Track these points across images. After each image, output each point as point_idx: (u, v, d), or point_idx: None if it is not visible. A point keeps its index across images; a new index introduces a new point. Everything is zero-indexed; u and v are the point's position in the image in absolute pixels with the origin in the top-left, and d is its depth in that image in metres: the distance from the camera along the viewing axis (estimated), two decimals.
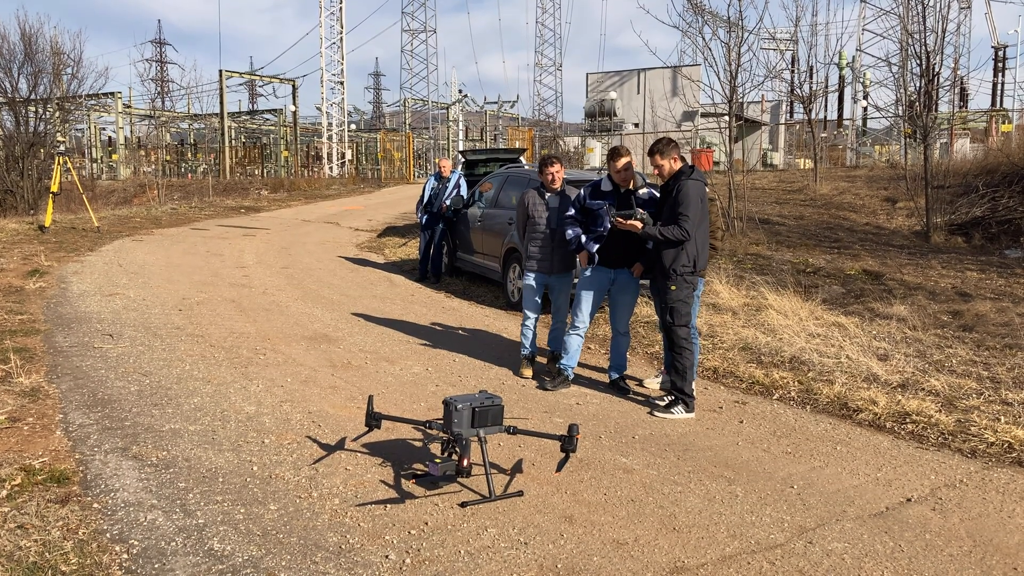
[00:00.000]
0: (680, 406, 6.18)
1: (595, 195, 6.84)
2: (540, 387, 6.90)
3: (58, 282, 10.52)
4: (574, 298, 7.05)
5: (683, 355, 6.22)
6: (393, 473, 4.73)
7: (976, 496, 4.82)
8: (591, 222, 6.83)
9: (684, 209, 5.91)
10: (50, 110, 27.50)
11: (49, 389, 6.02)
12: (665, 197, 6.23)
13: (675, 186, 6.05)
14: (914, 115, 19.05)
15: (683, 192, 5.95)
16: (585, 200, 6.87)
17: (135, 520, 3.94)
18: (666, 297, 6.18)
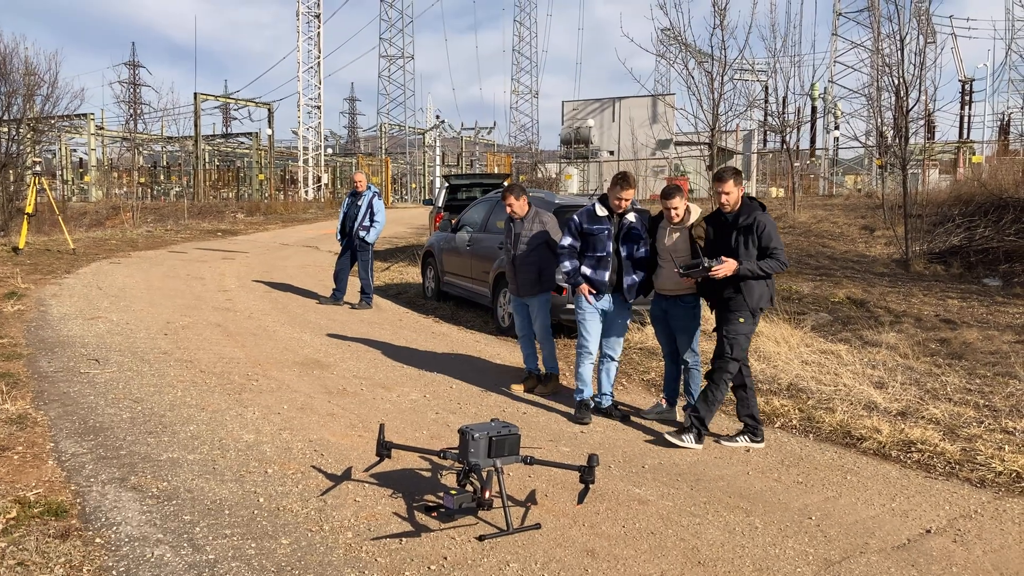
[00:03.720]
0: (692, 434, 6.05)
1: (592, 220, 6.78)
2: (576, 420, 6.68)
3: (37, 305, 10.23)
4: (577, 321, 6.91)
5: (721, 388, 6.07)
6: (405, 505, 4.57)
7: (994, 527, 4.77)
8: (589, 247, 6.76)
9: (775, 243, 5.88)
10: (22, 131, 27.09)
11: (37, 416, 5.79)
12: (724, 228, 6.06)
13: (746, 220, 5.91)
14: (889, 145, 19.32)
15: (767, 226, 5.89)
16: (582, 226, 6.79)
17: (142, 556, 3.75)
18: (730, 328, 6.00)
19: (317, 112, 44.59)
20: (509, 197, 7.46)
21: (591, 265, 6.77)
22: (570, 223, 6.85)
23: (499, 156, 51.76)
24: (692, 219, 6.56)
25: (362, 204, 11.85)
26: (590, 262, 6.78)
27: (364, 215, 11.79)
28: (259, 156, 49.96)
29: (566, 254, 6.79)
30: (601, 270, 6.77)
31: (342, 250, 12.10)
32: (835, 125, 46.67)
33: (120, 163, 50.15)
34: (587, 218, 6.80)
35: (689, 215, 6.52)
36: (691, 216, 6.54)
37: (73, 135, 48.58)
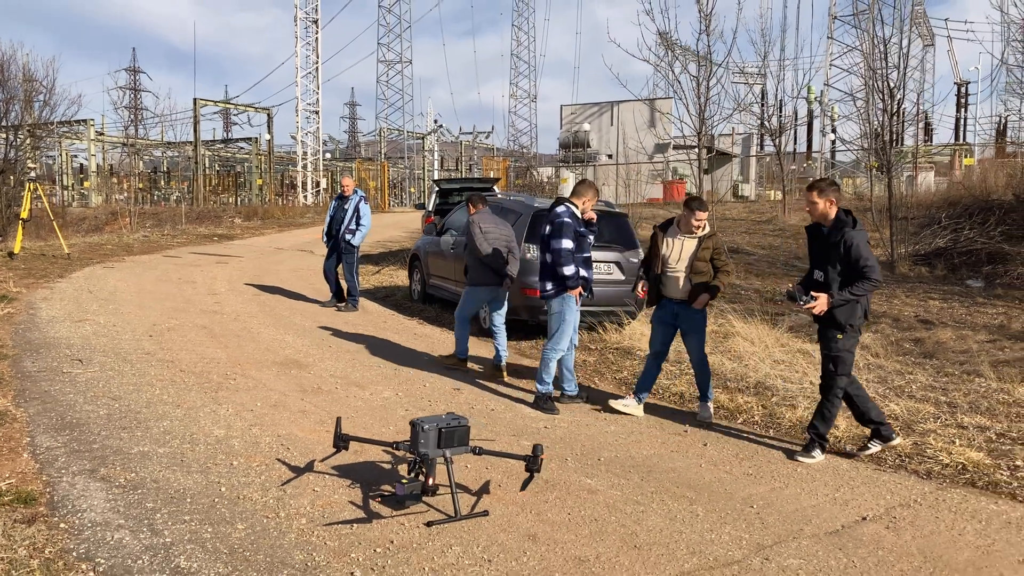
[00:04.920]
0: (817, 449, 6.07)
1: (580, 223, 7.23)
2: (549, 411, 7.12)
3: (27, 308, 10.46)
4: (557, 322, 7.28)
5: (834, 403, 6.07)
6: (361, 494, 4.79)
7: (929, 515, 4.97)
8: (578, 249, 7.16)
9: (867, 260, 5.77)
10: (20, 137, 27.36)
11: (16, 413, 6.01)
12: (821, 241, 6.04)
13: (839, 237, 5.82)
14: (878, 149, 19.52)
15: (857, 243, 5.76)
16: (576, 227, 7.16)
17: (102, 539, 3.97)
18: (832, 346, 5.96)
19: (316, 117, 44.87)
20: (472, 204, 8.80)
21: (581, 265, 7.18)
22: (572, 227, 7.09)
23: (495, 160, 52.00)
24: (707, 230, 7.03)
25: (348, 208, 12.11)
26: (579, 263, 7.16)
27: (351, 218, 12.05)
28: (259, 161, 50.27)
29: (571, 256, 7.07)
30: (588, 269, 7.29)
31: (328, 252, 12.34)
32: (832, 128, 46.86)
33: (120, 169, 50.49)
34: (576, 220, 7.17)
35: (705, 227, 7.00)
36: (707, 228, 7.03)
37: (73, 141, 48.90)
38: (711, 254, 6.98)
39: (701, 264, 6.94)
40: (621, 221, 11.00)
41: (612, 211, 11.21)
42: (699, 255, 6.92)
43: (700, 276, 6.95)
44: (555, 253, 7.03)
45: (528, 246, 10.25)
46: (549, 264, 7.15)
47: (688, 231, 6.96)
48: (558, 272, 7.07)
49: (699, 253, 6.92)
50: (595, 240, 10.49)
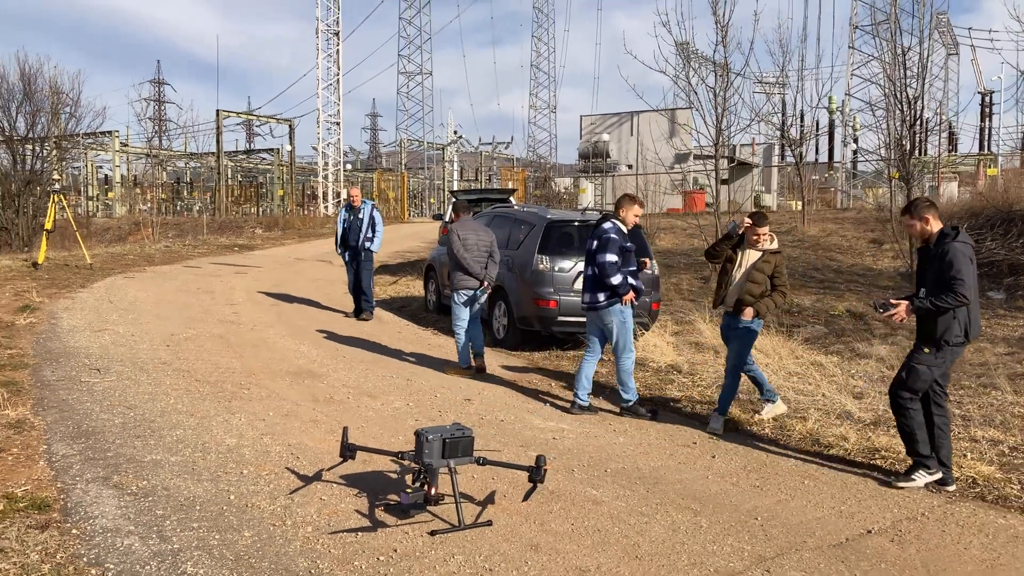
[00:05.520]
0: (921, 470, 5.78)
1: (626, 238, 7.53)
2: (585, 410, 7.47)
3: (48, 318, 10.65)
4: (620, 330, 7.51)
5: (908, 415, 5.78)
6: (367, 503, 4.85)
7: (935, 528, 4.95)
8: (625, 262, 7.44)
9: (957, 272, 5.43)
10: (47, 148, 27.85)
11: (34, 421, 6.14)
12: (924, 261, 5.84)
13: (939, 250, 5.59)
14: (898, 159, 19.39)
15: (952, 254, 5.48)
16: (622, 243, 7.45)
17: (112, 545, 4.06)
18: (916, 356, 5.73)
19: (337, 128, 45.26)
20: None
21: (627, 277, 7.45)
22: (618, 242, 7.41)
23: (514, 171, 52.19)
24: (773, 245, 7.17)
25: (363, 217, 12.34)
26: (625, 275, 7.42)
27: (367, 227, 12.27)
28: (280, 172, 50.75)
29: (616, 268, 7.34)
30: (636, 280, 7.59)
31: (348, 263, 12.51)
32: (854, 138, 46.57)
33: (144, 179, 51.14)
34: (621, 236, 7.48)
35: (771, 241, 7.16)
36: (772, 243, 7.17)
37: (99, 152, 49.63)
38: (771, 270, 7.11)
39: (758, 276, 7.07)
40: (635, 232, 11.02)
41: None
42: (757, 267, 7.07)
43: (755, 287, 7.06)
44: (601, 266, 7.35)
45: (541, 257, 10.31)
46: (597, 277, 7.44)
47: (752, 244, 7.13)
48: (606, 283, 7.36)
49: (757, 265, 7.07)
50: None
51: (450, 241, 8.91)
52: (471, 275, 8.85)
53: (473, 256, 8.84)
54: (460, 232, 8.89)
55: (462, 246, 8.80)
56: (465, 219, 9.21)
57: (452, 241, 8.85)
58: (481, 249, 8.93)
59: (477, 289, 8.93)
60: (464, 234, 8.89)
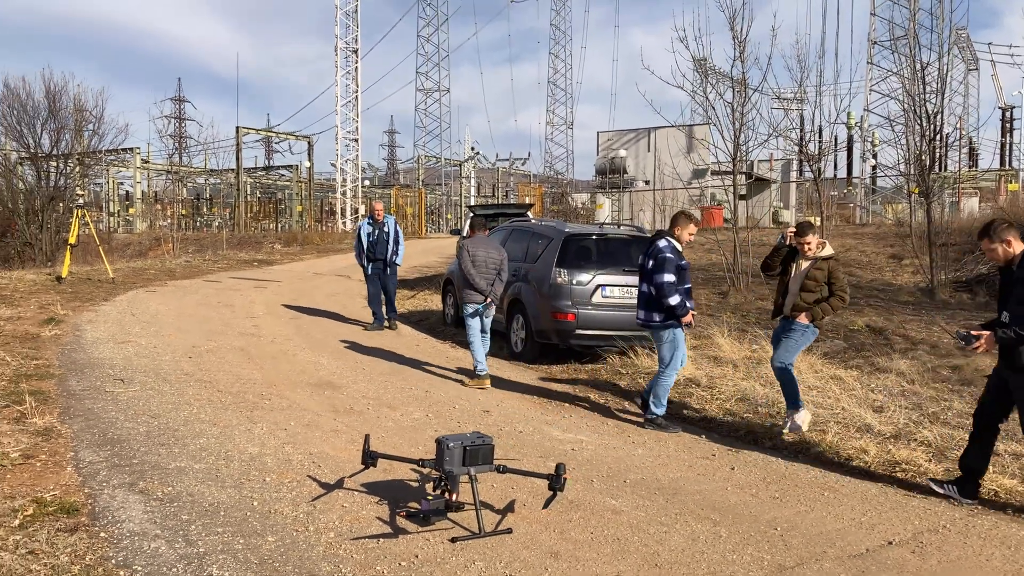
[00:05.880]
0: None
1: (680, 256, 7.62)
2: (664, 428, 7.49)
3: (73, 330, 10.80)
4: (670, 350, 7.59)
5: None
6: (388, 510, 4.90)
7: (957, 540, 4.94)
8: (680, 281, 7.52)
9: None
10: (71, 165, 28.26)
11: (62, 429, 6.24)
12: (1006, 284, 5.56)
13: (1019, 272, 5.29)
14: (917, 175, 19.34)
15: None
16: (677, 261, 7.54)
17: (139, 548, 4.13)
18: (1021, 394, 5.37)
19: (355, 145, 45.59)
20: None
21: (683, 295, 7.54)
22: (674, 262, 7.50)
23: (531, 187, 52.40)
24: (824, 252, 7.25)
25: (389, 231, 12.74)
26: (682, 294, 7.52)
27: (393, 241, 12.71)
28: (299, 188, 51.18)
29: (674, 288, 7.43)
30: (689, 300, 7.68)
31: (372, 277, 12.79)
32: (873, 154, 46.40)
33: (164, 195, 51.74)
34: (676, 254, 7.56)
35: (822, 248, 7.25)
36: (823, 250, 7.26)
37: (120, 168, 50.27)
38: (826, 276, 7.20)
39: (811, 283, 7.17)
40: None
41: (643, 236, 11.29)
42: (809, 274, 7.18)
43: (810, 295, 7.17)
44: (658, 287, 7.43)
45: (559, 271, 10.37)
46: (653, 296, 7.51)
47: (803, 253, 7.25)
48: (663, 304, 7.43)
49: (810, 272, 7.18)
50: (626, 265, 10.64)
51: (460, 256, 9.33)
52: (478, 290, 9.07)
53: (480, 272, 9.06)
54: (470, 248, 9.15)
55: (471, 262, 9.05)
56: (479, 236, 9.45)
57: (462, 257, 9.20)
58: (490, 266, 9.14)
59: (480, 304, 9.11)
60: (474, 250, 9.13)
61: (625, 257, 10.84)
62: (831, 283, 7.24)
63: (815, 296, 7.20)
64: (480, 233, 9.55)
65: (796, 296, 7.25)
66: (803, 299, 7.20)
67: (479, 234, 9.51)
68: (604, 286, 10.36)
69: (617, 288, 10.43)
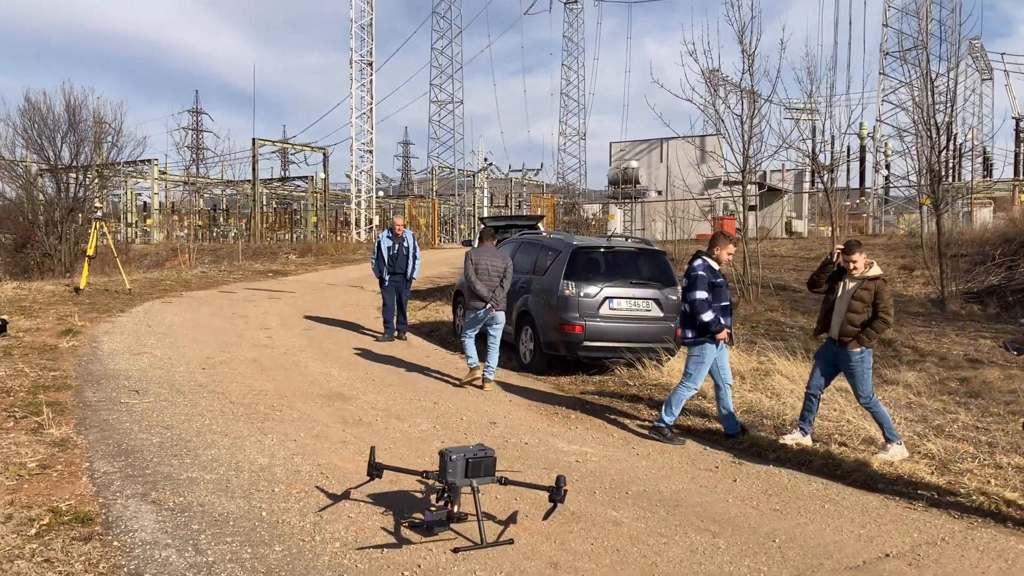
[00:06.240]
0: None
1: (715, 274, 7.73)
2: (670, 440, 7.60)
3: (90, 341, 11.00)
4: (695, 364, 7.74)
5: None
6: (393, 521, 5.02)
7: (955, 553, 5.00)
8: (716, 298, 7.64)
9: None
10: (90, 177, 28.65)
11: (77, 440, 6.40)
12: None
13: None
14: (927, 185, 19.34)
15: None
16: (711, 280, 7.66)
17: (151, 557, 4.26)
18: None
19: (369, 156, 45.91)
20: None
21: (720, 313, 7.65)
22: (707, 279, 7.64)
23: (543, 198, 52.58)
24: (871, 272, 7.12)
25: (408, 246, 13.20)
26: (718, 311, 7.63)
27: (412, 256, 13.22)
28: (314, 199, 51.53)
29: (707, 304, 7.57)
30: (728, 317, 7.75)
31: (389, 288, 13.12)
32: (886, 164, 46.26)
33: (181, 206, 52.22)
34: (711, 272, 7.69)
35: (869, 268, 7.12)
36: (870, 270, 7.13)
37: (138, 180, 50.83)
38: (871, 297, 7.06)
39: (857, 304, 7.06)
40: (660, 259, 11.17)
41: (650, 249, 11.39)
42: (856, 294, 7.07)
43: (856, 316, 7.07)
44: (691, 304, 7.60)
45: (567, 283, 10.47)
46: (689, 314, 7.66)
47: (849, 273, 7.17)
48: (697, 320, 7.57)
49: (856, 293, 7.07)
50: (633, 277, 10.74)
51: (464, 265, 9.82)
52: (479, 297, 9.50)
53: (482, 279, 9.52)
54: (474, 257, 9.66)
55: (473, 270, 9.57)
56: (486, 246, 9.91)
57: (465, 265, 9.73)
58: (492, 274, 9.58)
59: (483, 309, 9.53)
60: (477, 259, 9.62)
61: (633, 270, 10.93)
62: (876, 304, 7.06)
63: (862, 317, 7.06)
64: (488, 243, 9.99)
65: (843, 317, 7.13)
66: (850, 320, 7.07)
67: (487, 244, 9.96)
68: (612, 298, 10.45)
69: (625, 300, 10.52)
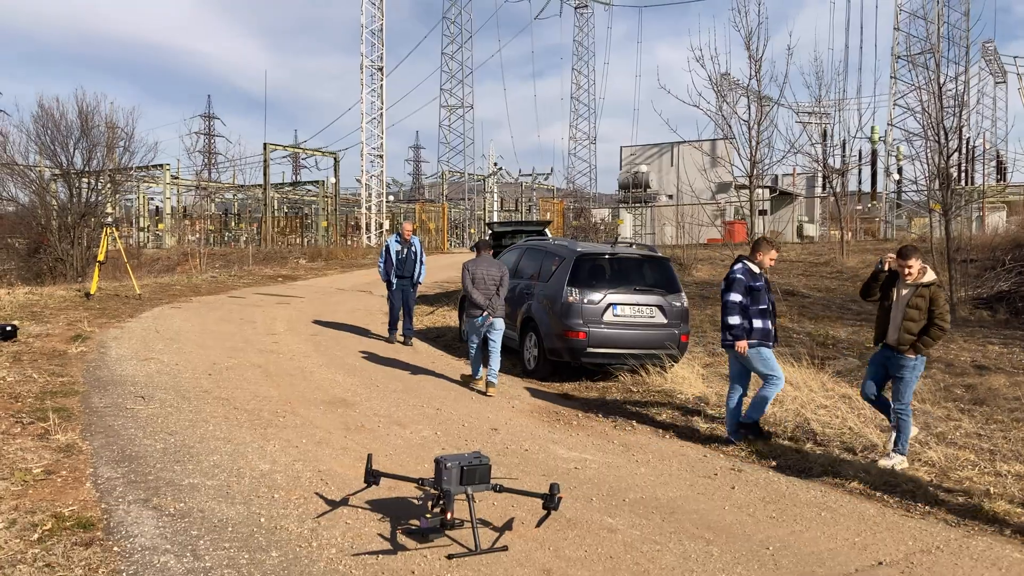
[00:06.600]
0: None
1: (753, 277, 7.76)
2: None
3: (98, 347, 11.11)
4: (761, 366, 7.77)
5: None
6: (390, 527, 5.08)
7: (948, 561, 5.02)
8: (754, 301, 7.68)
9: None
10: (102, 182, 28.89)
11: (83, 446, 6.49)
12: None
13: None
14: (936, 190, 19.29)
15: None
16: (748, 284, 7.69)
17: (149, 562, 4.34)
18: None
19: (380, 161, 46.10)
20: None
21: (759, 316, 7.68)
22: (744, 283, 7.67)
23: (552, 202, 52.65)
24: (925, 278, 7.02)
25: (416, 251, 13.42)
26: (756, 314, 7.66)
27: (419, 261, 13.42)
28: (325, 203, 51.78)
29: (737, 309, 7.61)
30: (765, 319, 7.74)
31: (396, 292, 13.37)
32: (898, 169, 46.07)
33: (193, 211, 52.52)
34: (749, 276, 7.70)
35: (923, 274, 7.02)
36: (924, 276, 7.03)
37: (151, 185, 51.17)
38: (927, 304, 6.98)
39: (912, 311, 6.99)
40: (664, 265, 11.20)
41: (655, 255, 11.43)
42: (910, 302, 7.00)
43: (913, 324, 6.99)
44: (724, 305, 7.65)
45: (571, 289, 10.52)
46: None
47: (903, 279, 7.08)
48: (723, 321, 7.63)
49: (911, 300, 6.99)
50: (637, 284, 10.78)
51: (462, 276, 10.15)
52: (477, 306, 9.78)
53: (479, 289, 9.83)
54: (470, 268, 9.97)
55: (470, 281, 9.92)
56: (483, 256, 10.18)
57: (463, 276, 10.09)
58: (488, 283, 9.88)
59: (481, 317, 9.80)
60: (474, 270, 9.93)
61: (637, 276, 10.97)
62: (931, 310, 6.96)
63: (919, 325, 6.98)
64: (485, 253, 10.24)
65: (900, 325, 7.03)
66: (907, 328, 6.99)
67: (484, 254, 10.22)
68: (615, 304, 10.50)
69: (628, 307, 10.56)
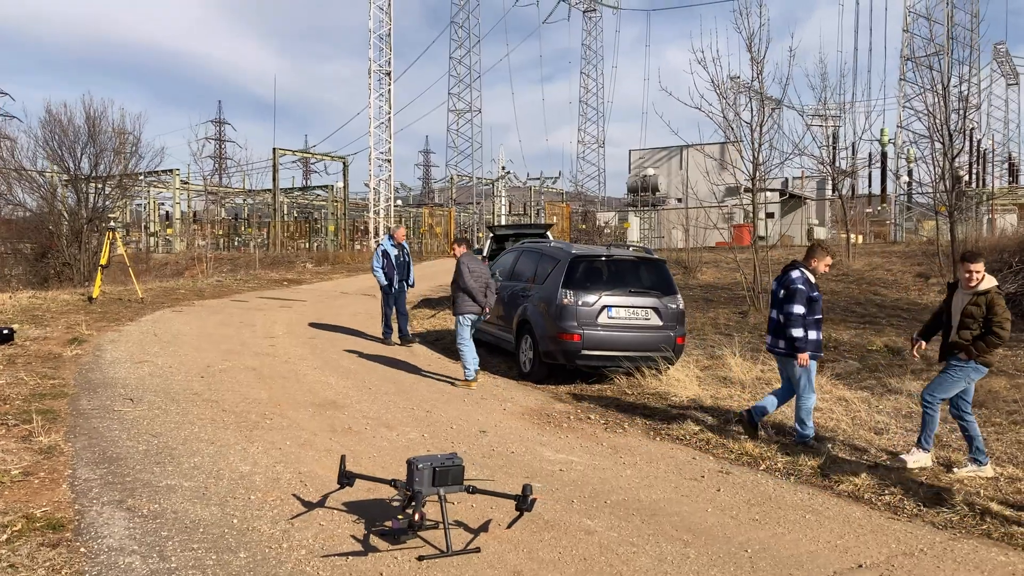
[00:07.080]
0: None
1: (812, 287, 7.67)
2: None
3: (94, 350, 11.14)
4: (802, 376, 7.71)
5: None
6: (363, 529, 5.04)
7: (930, 565, 4.93)
8: (811, 312, 7.61)
9: None
10: (110, 187, 29.03)
11: (64, 447, 6.48)
12: None
13: None
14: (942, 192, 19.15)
15: None
16: (809, 294, 7.61)
17: (114, 563, 4.31)
18: None
19: (388, 165, 46.16)
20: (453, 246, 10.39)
21: (815, 327, 7.64)
22: (805, 293, 7.57)
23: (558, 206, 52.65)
24: (982, 285, 6.83)
25: (408, 254, 13.65)
26: (811, 325, 7.60)
27: (410, 264, 13.62)
28: (334, 208, 51.88)
29: (800, 321, 7.51)
30: (817, 330, 7.72)
31: (390, 297, 13.48)
32: (908, 171, 45.81)
33: (203, 216, 52.76)
34: (808, 286, 7.62)
35: (980, 282, 6.84)
36: (983, 283, 6.84)
37: (161, 189, 51.44)
38: (982, 312, 6.77)
39: (968, 320, 6.80)
40: (660, 267, 11.13)
41: (650, 257, 11.36)
42: (965, 310, 6.82)
43: (967, 332, 6.82)
44: (787, 317, 7.54)
45: (566, 292, 10.46)
46: (781, 324, 7.62)
47: (964, 285, 6.90)
48: (787, 334, 7.54)
49: (967, 308, 6.81)
50: (633, 286, 10.71)
51: (460, 271, 9.89)
52: (475, 302, 9.83)
53: (478, 283, 9.86)
54: (469, 264, 9.86)
55: (470, 276, 9.80)
56: (468, 252, 10.16)
57: (462, 272, 9.84)
58: (481, 281, 9.94)
59: (477, 315, 9.93)
60: (472, 266, 9.87)
61: (633, 278, 10.91)
62: (989, 316, 6.73)
63: (973, 333, 6.78)
64: (469, 250, 10.30)
65: (955, 332, 6.89)
66: (960, 336, 6.84)
67: (469, 250, 10.21)
68: (610, 307, 10.43)
69: (623, 309, 10.50)
